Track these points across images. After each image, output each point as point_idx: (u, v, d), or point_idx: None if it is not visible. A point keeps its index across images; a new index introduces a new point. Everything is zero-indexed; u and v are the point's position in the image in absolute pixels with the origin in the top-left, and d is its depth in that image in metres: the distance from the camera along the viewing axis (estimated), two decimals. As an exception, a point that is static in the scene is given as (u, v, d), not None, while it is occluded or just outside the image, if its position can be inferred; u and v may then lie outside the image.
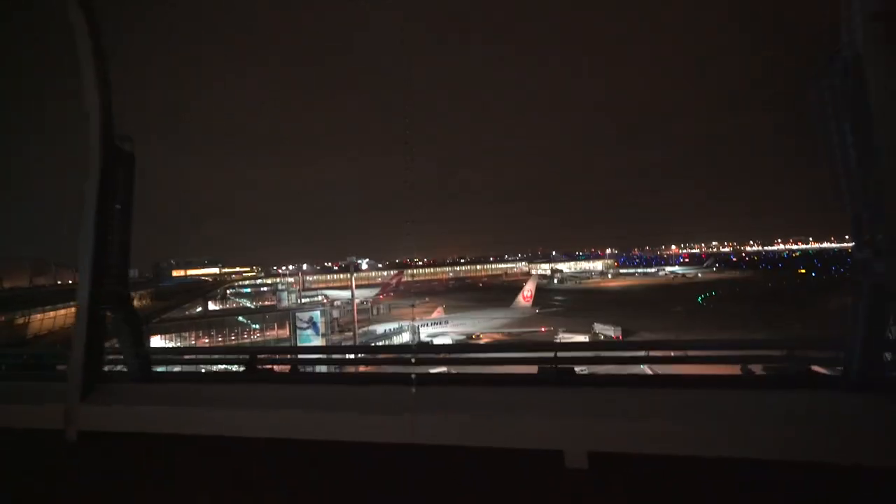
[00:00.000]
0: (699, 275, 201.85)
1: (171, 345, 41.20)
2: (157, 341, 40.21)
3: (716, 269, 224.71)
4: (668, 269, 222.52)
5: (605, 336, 73.14)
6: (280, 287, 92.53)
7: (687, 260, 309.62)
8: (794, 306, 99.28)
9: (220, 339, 42.97)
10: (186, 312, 60.37)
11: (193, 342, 41.99)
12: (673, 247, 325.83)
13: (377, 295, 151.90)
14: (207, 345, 42.34)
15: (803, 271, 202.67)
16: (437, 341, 68.30)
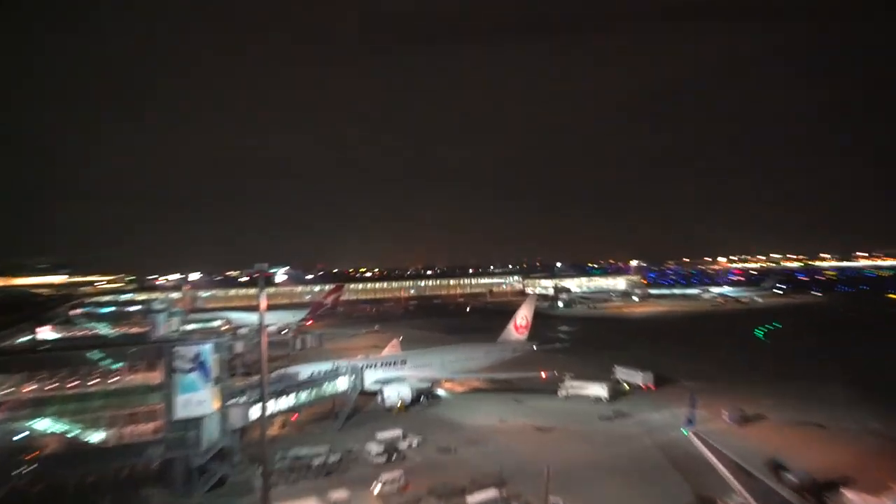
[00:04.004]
0: (756, 298, 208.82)
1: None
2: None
3: (778, 290, 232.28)
4: (715, 289, 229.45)
5: (630, 384, 73.58)
6: (157, 305, 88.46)
7: (740, 277, 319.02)
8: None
9: (51, 387, 39.82)
10: (6, 343, 56.42)
11: (5, 391, 38.68)
12: (721, 259, 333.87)
13: (304, 320, 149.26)
14: (29, 396, 39.12)
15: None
16: (388, 391, 66.59)
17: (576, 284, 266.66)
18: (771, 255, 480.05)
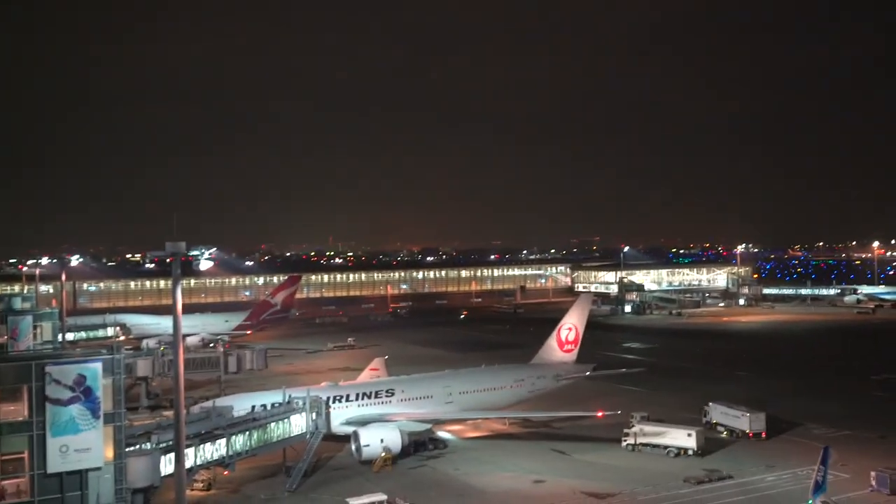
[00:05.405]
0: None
1: None
2: None
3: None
4: (864, 289, 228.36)
5: (732, 430, 73.46)
6: (19, 304, 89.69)
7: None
8: None
9: None
10: None
11: None
12: (875, 244, 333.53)
13: (241, 328, 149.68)
14: None
15: None
16: (366, 435, 66.60)
17: (652, 279, 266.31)
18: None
